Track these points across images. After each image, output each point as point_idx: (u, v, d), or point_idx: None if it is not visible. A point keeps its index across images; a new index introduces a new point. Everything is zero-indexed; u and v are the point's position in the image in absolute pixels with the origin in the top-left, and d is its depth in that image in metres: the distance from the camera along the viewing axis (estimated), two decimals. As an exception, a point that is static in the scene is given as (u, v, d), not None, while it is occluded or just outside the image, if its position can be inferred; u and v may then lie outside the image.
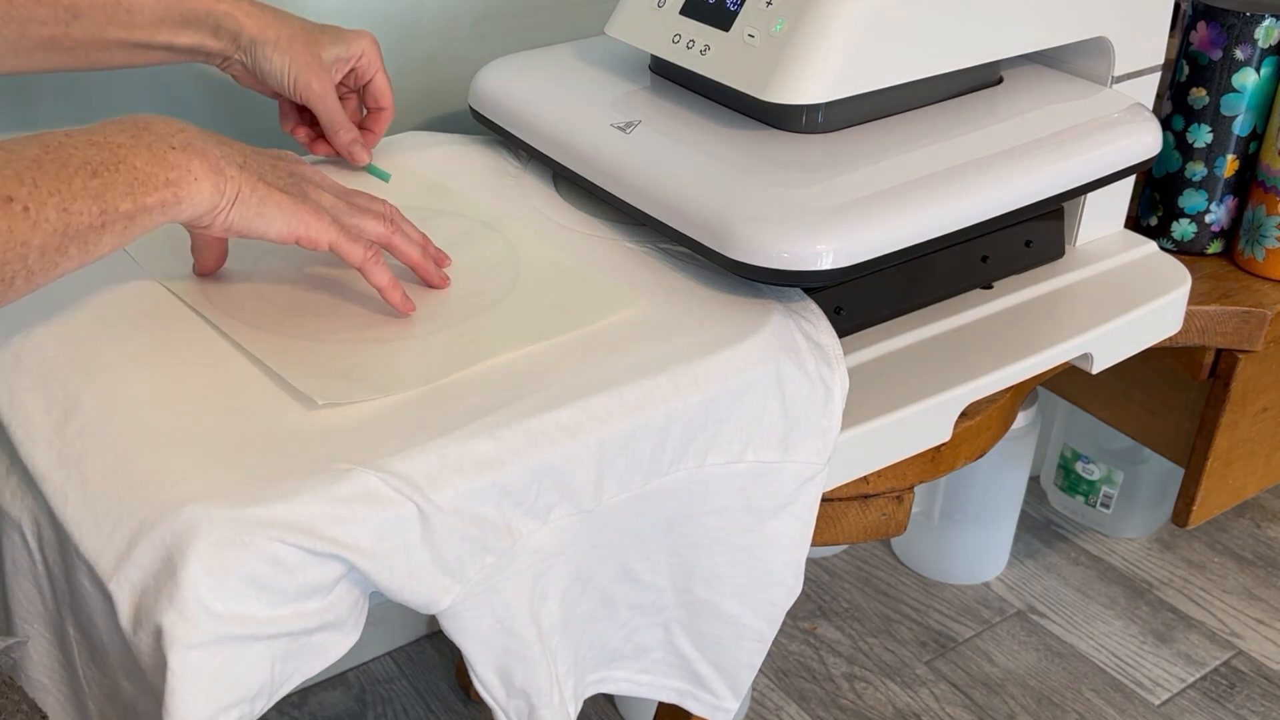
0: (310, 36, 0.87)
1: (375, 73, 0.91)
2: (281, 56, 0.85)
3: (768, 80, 0.82)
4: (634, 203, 0.84)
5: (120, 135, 0.64)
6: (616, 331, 0.75)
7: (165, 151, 0.65)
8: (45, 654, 0.68)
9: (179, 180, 0.65)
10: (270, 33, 0.85)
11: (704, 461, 0.73)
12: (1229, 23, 1.06)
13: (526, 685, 0.71)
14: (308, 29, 0.87)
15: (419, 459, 0.63)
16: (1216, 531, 1.61)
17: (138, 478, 0.61)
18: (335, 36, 0.88)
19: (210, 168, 0.66)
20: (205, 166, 0.66)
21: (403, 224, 0.78)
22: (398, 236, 0.76)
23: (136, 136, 0.64)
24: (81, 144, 0.62)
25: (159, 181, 0.64)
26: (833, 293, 0.85)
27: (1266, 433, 1.20)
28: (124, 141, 0.64)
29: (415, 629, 1.41)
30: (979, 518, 1.47)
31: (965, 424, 0.88)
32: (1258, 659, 1.43)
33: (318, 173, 0.76)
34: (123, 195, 0.62)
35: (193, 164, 0.65)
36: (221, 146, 0.68)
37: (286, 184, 0.71)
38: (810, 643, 1.43)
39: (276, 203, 0.69)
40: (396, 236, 0.76)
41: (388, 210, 0.77)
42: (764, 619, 0.81)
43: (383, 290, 0.74)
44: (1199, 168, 1.12)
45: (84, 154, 0.62)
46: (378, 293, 0.74)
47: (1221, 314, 1.08)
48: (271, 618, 0.60)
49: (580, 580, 0.73)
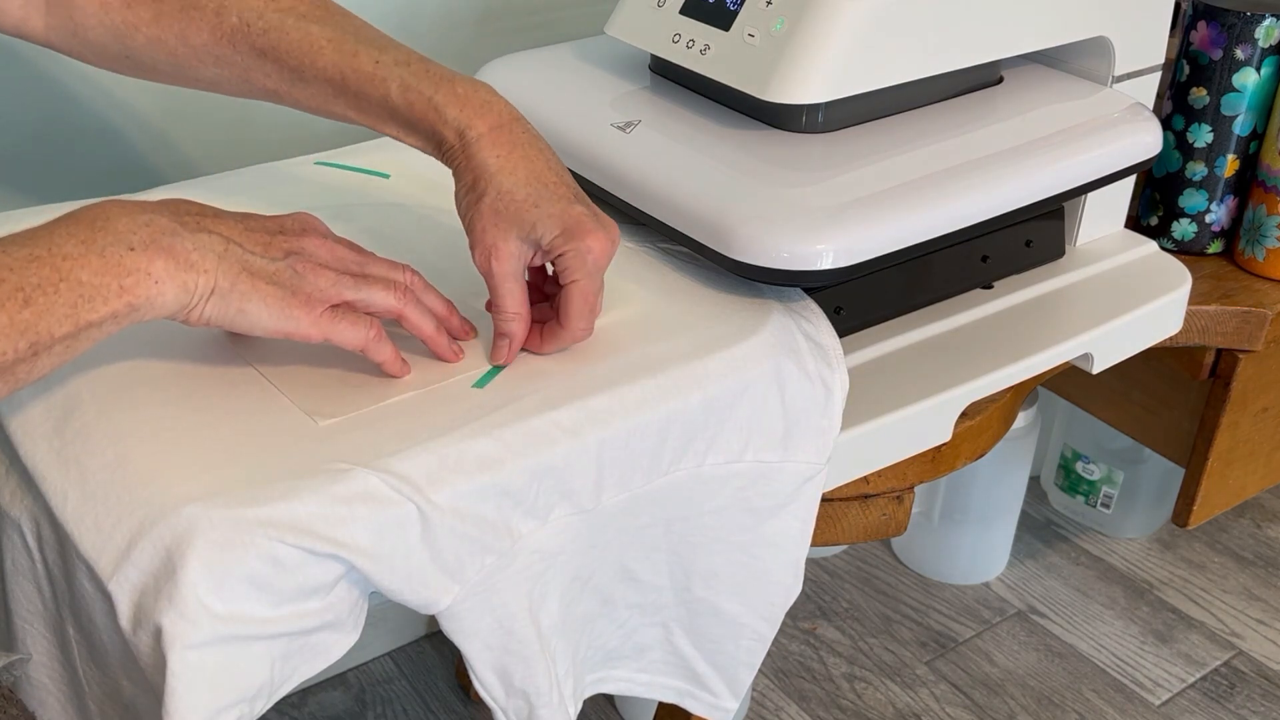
0: (523, 204, 0.69)
1: (570, 282, 0.70)
2: (474, 214, 0.70)
3: (768, 80, 0.82)
4: (634, 203, 0.84)
5: (69, 243, 0.58)
6: (616, 331, 0.75)
7: (121, 255, 0.58)
8: (45, 654, 0.68)
9: (134, 286, 0.58)
10: (481, 183, 0.70)
11: (704, 461, 0.73)
12: (1229, 22, 1.06)
13: (526, 685, 0.71)
14: (530, 189, 0.70)
15: (419, 459, 0.63)
16: (1217, 531, 1.61)
17: (137, 477, 0.61)
18: (550, 217, 0.69)
19: (178, 265, 0.60)
20: (170, 265, 0.59)
21: (423, 294, 0.70)
22: (410, 308, 0.69)
23: (88, 242, 0.58)
24: (19, 263, 0.56)
25: (110, 292, 0.58)
26: (833, 292, 0.85)
27: (1267, 433, 1.20)
28: (71, 251, 0.57)
29: (415, 629, 1.41)
30: (979, 518, 1.47)
31: (965, 424, 0.88)
32: (1258, 659, 1.43)
33: (324, 244, 0.68)
34: (61, 319, 0.57)
35: (154, 265, 0.59)
36: (199, 235, 0.61)
37: (277, 270, 0.64)
38: (810, 643, 1.43)
39: (261, 298, 0.62)
40: (409, 308, 0.68)
41: (404, 279, 0.69)
42: (763, 619, 0.81)
43: (383, 366, 0.69)
44: (1199, 167, 1.12)
45: (18, 277, 0.56)
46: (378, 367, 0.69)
47: (1222, 314, 1.08)
48: (271, 618, 0.60)
49: (580, 580, 0.73)
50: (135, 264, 0.59)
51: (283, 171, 0.91)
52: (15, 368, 0.57)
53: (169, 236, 0.60)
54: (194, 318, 0.62)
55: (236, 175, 0.91)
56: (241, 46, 0.73)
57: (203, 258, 0.61)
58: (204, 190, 0.88)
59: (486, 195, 0.70)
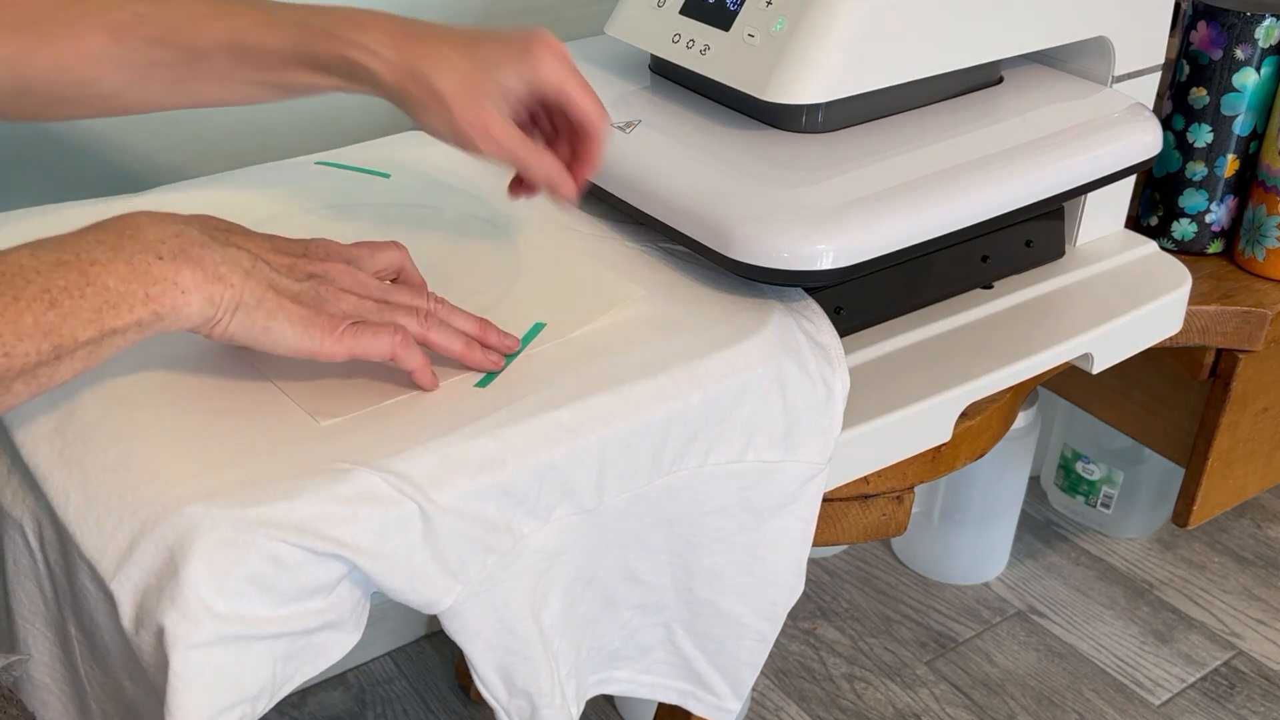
0: (473, 71, 0.71)
1: (562, 87, 0.73)
2: (432, 119, 0.72)
3: (768, 80, 0.82)
4: (634, 202, 0.84)
5: (98, 249, 0.58)
6: (617, 331, 0.75)
7: (149, 263, 0.58)
8: (47, 654, 0.68)
9: (161, 295, 0.58)
10: (425, 86, 0.70)
11: (705, 461, 0.73)
12: (1229, 22, 1.06)
13: (528, 685, 0.72)
14: (470, 58, 0.71)
15: (420, 458, 0.63)
16: (1217, 531, 1.61)
17: (139, 477, 0.61)
18: (504, 57, 0.71)
19: (205, 276, 0.60)
20: (198, 276, 0.59)
21: (451, 315, 0.70)
22: (435, 332, 0.68)
23: (117, 249, 0.58)
24: (46, 266, 0.56)
25: (136, 299, 0.58)
26: (833, 292, 0.85)
27: (1267, 433, 1.20)
28: (99, 257, 0.58)
29: (415, 629, 1.41)
30: (979, 518, 1.47)
31: (965, 424, 0.88)
32: (1258, 659, 1.43)
33: (348, 270, 0.68)
34: (86, 323, 0.57)
35: (181, 275, 0.59)
36: (228, 249, 0.61)
37: (302, 290, 0.64)
38: (810, 643, 1.43)
39: (286, 315, 0.62)
40: (433, 332, 0.68)
41: (426, 305, 0.69)
42: (765, 619, 0.81)
43: (413, 375, 0.68)
44: (1199, 167, 1.12)
45: (45, 280, 0.56)
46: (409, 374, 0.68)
47: (1222, 314, 1.08)
48: (273, 617, 0.60)
49: (582, 580, 0.73)
50: (163, 273, 0.59)
51: (283, 171, 0.92)
52: (37, 370, 0.57)
53: (198, 248, 0.60)
54: (218, 332, 0.61)
55: (237, 175, 0.91)
56: (133, 42, 0.72)
57: (230, 271, 0.61)
58: (205, 190, 0.88)
59: (440, 91, 0.70)
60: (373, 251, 0.71)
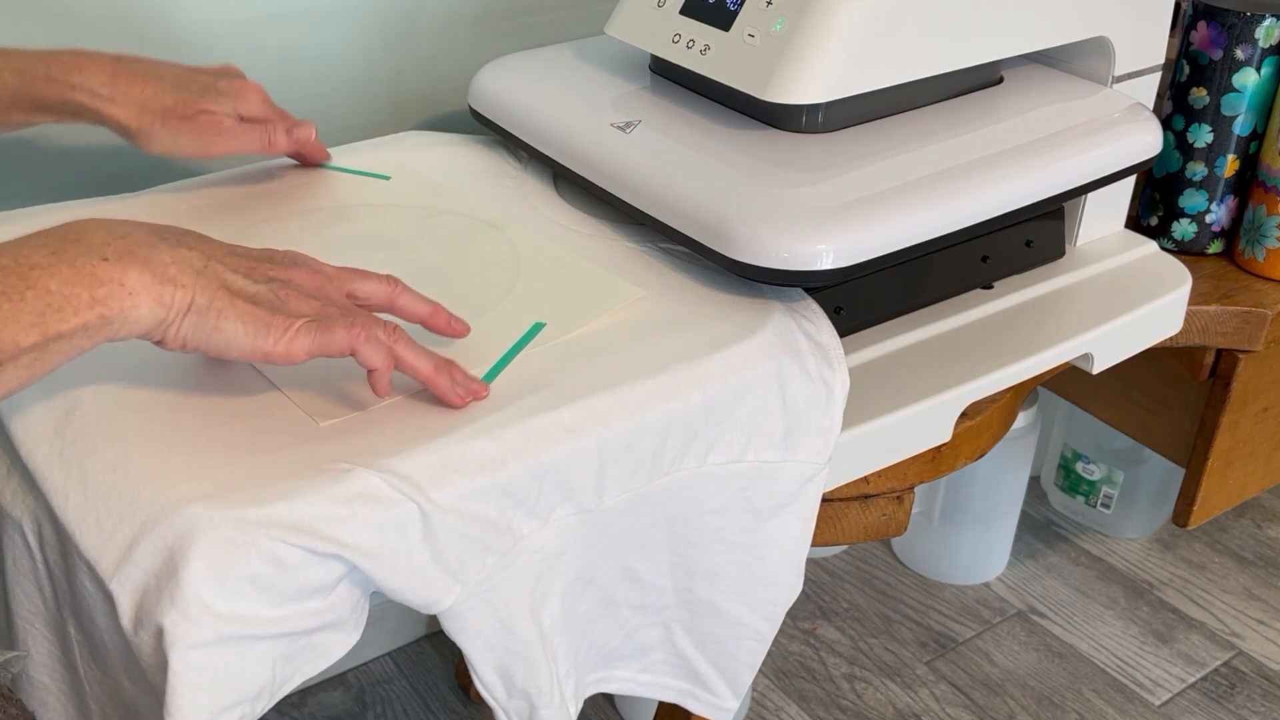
0: (180, 100, 0.81)
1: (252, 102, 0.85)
2: (160, 144, 0.81)
3: (768, 80, 0.82)
4: (634, 203, 0.84)
5: (38, 253, 0.56)
6: (617, 331, 0.75)
7: (94, 265, 0.56)
8: (46, 654, 0.68)
9: (107, 298, 0.56)
10: (133, 120, 0.80)
11: (705, 461, 0.73)
12: (1229, 22, 1.06)
13: (528, 685, 0.72)
14: (178, 92, 0.81)
15: (420, 459, 0.63)
16: (1217, 532, 1.61)
17: (139, 477, 0.61)
18: (208, 79, 0.84)
19: (154, 277, 0.57)
20: (146, 277, 0.57)
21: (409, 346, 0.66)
22: (403, 346, 0.65)
23: (59, 253, 0.56)
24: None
25: (80, 303, 0.55)
26: (833, 293, 0.85)
27: (1267, 433, 1.20)
28: (40, 261, 0.55)
29: (415, 629, 1.41)
30: (979, 518, 1.47)
31: (965, 424, 0.88)
32: (1258, 659, 1.43)
33: (313, 277, 0.65)
34: (28, 328, 0.54)
35: (128, 276, 0.57)
36: (179, 250, 0.59)
37: (258, 291, 0.61)
38: (810, 643, 1.43)
39: (237, 315, 0.60)
40: (400, 345, 0.65)
41: (395, 324, 0.66)
42: (764, 618, 0.81)
43: (371, 377, 0.65)
44: (1199, 168, 1.12)
45: None
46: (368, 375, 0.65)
47: (1222, 314, 1.08)
48: (273, 617, 0.60)
49: (581, 580, 0.73)
50: (109, 274, 0.56)
51: (283, 173, 0.91)
52: None
53: (145, 249, 0.58)
54: (170, 337, 0.59)
55: (236, 176, 0.91)
56: None
57: (180, 272, 0.58)
58: (205, 191, 0.88)
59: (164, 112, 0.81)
60: (356, 275, 0.68)
